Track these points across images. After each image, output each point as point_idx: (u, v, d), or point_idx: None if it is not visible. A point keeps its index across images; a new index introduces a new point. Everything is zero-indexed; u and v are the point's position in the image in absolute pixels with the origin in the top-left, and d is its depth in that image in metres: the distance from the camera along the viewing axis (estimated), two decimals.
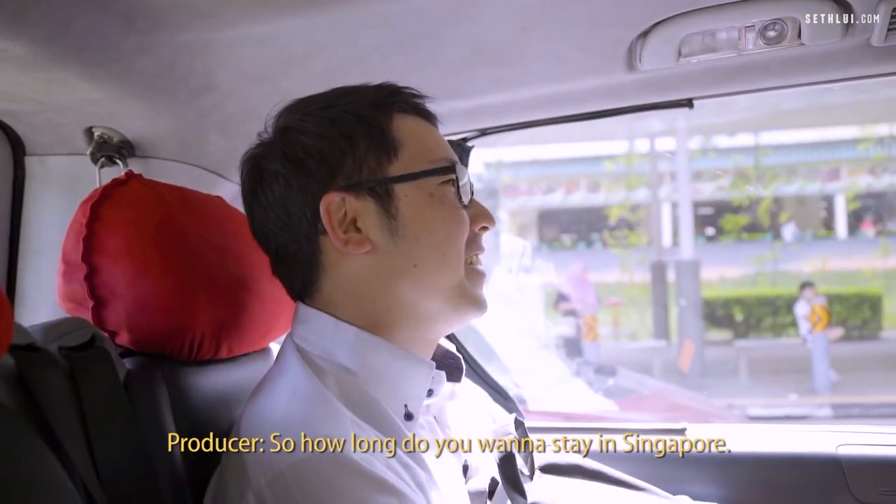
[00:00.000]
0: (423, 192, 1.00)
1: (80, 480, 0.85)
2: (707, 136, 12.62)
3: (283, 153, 1.01)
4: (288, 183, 1.00)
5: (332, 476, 0.84)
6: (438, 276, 1.00)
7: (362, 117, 1.01)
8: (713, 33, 1.35)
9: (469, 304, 1.04)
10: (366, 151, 1.00)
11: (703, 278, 12.30)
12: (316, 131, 1.00)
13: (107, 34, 1.16)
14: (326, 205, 0.98)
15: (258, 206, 1.04)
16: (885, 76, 1.48)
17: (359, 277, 1.00)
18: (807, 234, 14.97)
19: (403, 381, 0.99)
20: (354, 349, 0.99)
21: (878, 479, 1.61)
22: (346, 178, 0.99)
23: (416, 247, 0.99)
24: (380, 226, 0.99)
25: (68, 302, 1.12)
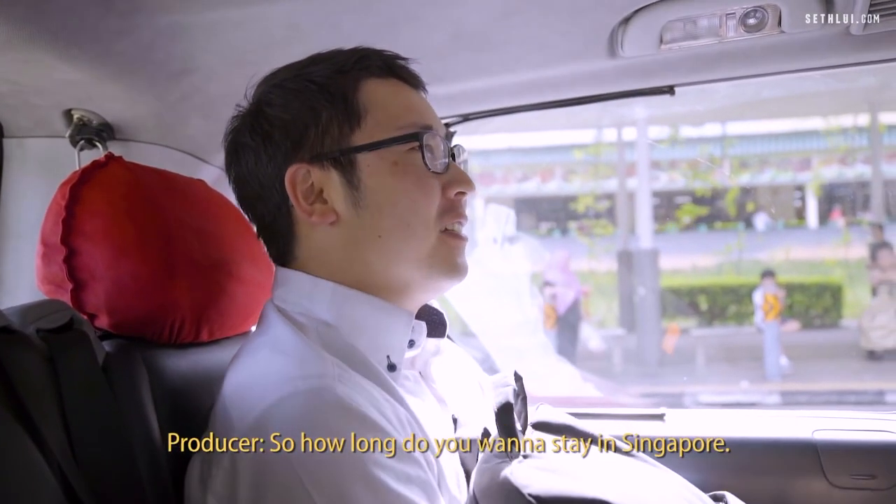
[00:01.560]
0: (386, 161, 0.99)
1: (56, 463, 0.85)
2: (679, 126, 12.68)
3: (252, 126, 1.02)
4: (257, 156, 1.01)
5: (312, 412, 0.84)
6: (404, 246, 1.00)
7: (325, 87, 1.00)
8: (694, 20, 1.36)
9: (442, 272, 1.02)
10: (329, 121, 0.99)
11: (675, 267, 12.42)
12: (281, 103, 1.01)
13: (84, 15, 1.14)
14: (291, 176, 0.99)
15: (238, 178, 1.06)
16: (864, 64, 1.49)
17: (328, 247, 1.01)
18: (778, 223, 15.13)
19: (383, 332, 1.00)
20: (333, 303, 0.99)
21: (852, 464, 1.63)
22: (311, 149, 0.99)
23: (380, 218, 0.99)
24: (344, 197, 0.99)
25: (47, 284, 1.11)
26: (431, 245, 1.01)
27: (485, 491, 0.97)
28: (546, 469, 0.99)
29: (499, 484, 0.96)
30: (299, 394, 0.85)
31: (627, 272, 11.09)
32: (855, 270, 11.43)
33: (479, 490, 0.98)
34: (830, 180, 14.88)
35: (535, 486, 0.94)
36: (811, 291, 11.27)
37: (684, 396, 8.36)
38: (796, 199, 16.05)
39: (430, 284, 1.03)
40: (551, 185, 16.21)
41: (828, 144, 13.63)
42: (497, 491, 0.96)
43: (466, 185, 1.04)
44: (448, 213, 1.03)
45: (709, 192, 13.63)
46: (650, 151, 12.03)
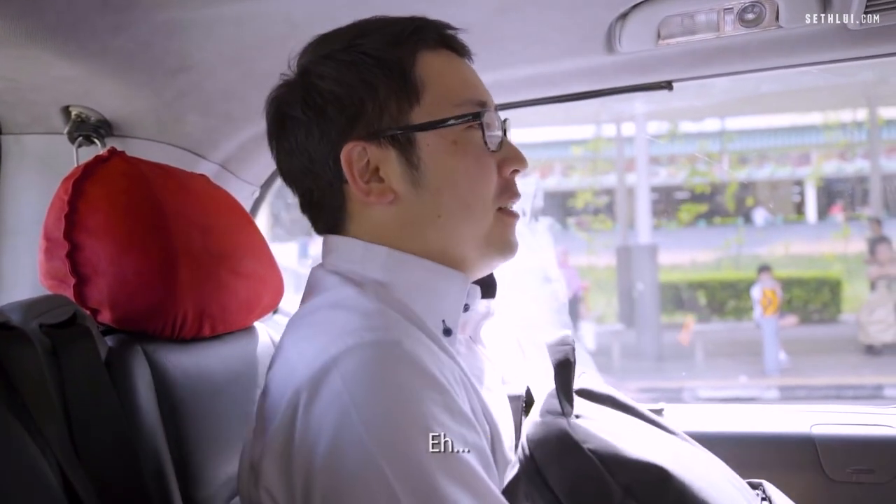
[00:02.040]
0: (446, 139, 0.95)
1: (55, 460, 0.85)
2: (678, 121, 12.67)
3: (304, 99, 0.96)
4: (308, 130, 0.96)
5: (377, 361, 0.80)
6: (464, 227, 0.97)
7: (382, 60, 0.95)
8: (692, 15, 1.36)
9: (496, 251, 1.00)
10: (387, 97, 0.94)
11: (674, 262, 12.42)
12: (335, 76, 0.95)
13: (81, 11, 1.14)
14: (347, 154, 0.94)
15: (282, 150, 1.00)
16: (861, 59, 1.50)
17: (383, 224, 0.97)
18: (777, 218, 15.13)
19: (439, 296, 0.96)
20: (387, 266, 0.96)
21: (850, 458, 1.63)
22: (367, 126, 0.94)
23: (440, 198, 0.95)
24: (402, 176, 0.95)
25: (50, 279, 1.11)
26: (489, 224, 0.98)
27: (540, 443, 0.96)
28: (601, 430, 0.97)
29: (556, 437, 0.95)
30: (365, 345, 0.81)
31: (626, 267, 11.09)
32: (854, 265, 11.43)
33: (534, 443, 0.96)
34: (829, 175, 14.88)
35: (594, 442, 0.93)
36: (810, 286, 11.28)
37: (683, 391, 8.38)
38: (795, 194, 16.04)
39: (483, 262, 1.01)
40: (550, 181, 16.20)
41: (827, 139, 13.63)
42: (554, 444, 0.95)
43: (522, 162, 1.01)
44: (505, 192, 1.00)
45: (708, 188, 13.62)
46: (649, 147, 12.03)
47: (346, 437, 0.76)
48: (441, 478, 0.75)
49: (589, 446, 0.93)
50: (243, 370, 1.28)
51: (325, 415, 0.78)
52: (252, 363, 1.30)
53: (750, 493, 1.12)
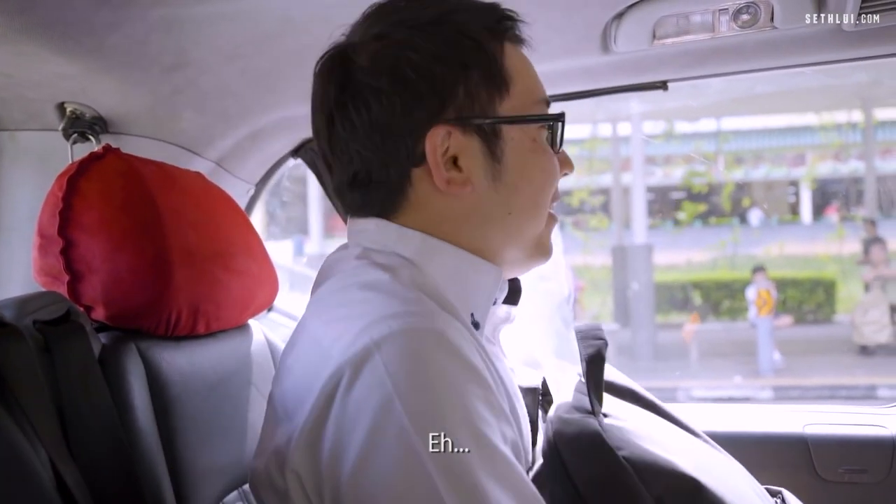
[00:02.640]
0: (527, 136, 0.92)
1: (47, 456, 0.85)
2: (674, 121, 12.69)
3: (392, 69, 0.88)
4: (391, 104, 0.88)
5: (421, 347, 0.77)
6: (528, 226, 0.95)
7: (479, 43, 0.90)
8: (687, 16, 1.36)
9: (542, 254, 0.99)
10: (479, 84, 0.89)
11: (669, 262, 12.43)
12: (430, 51, 0.88)
13: (78, 8, 1.14)
14: (433, 136, 0.88)
15: (344, 121, 0.91)
16: (856, 60, 1.50)
17: (448, 216, 0.92)
18: (772, 218, 15.15)
19: (471, 288, 0.93)
20: (421, 252, 0.91)
21: (842, 458, 1.64)
22: (457, 110, 0.88)
23: (515, 195, 0.92)
24: (483, 168, 0.90)
25: (44, 276, 1.11)
26: (542, 227, 0.97)
27: (570, 442, 0.93)
28: (631, 432, 0.95)
29: (589, 439, 0.92)
30: (410, 331, 0.77)
31: (622, 267, 11.10)
32: (848, 266, 11.45)
33: (564, 440, 0.94)
34: (824, 176, 14.91)
35: (628, 448, 0.90)
36: (805, 287, 11.29)
37: (677, 391, 8.39)
38: (790, 195, 16.07)
39: (528, 264, 1.00)
40: None
41: (822, 140, 13.65)
42: (587, 446, 0.92)
43: (572, 166, 1.00)
44: (554, 194, 0.99)
45: (704, 188, 13.64)
46: (645, 147, 12.04)
47: (387, 425, 0.73)
48: (483, 475, 0.73)
49: (623, 453, 0.90)
50: (237, 368, 1.28)
51: (366, 401, 0.75)
52: (246, 361, 1.30)
53: (769, 500, 1.10)
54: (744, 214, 14.06)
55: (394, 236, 0.92)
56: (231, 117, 1.60)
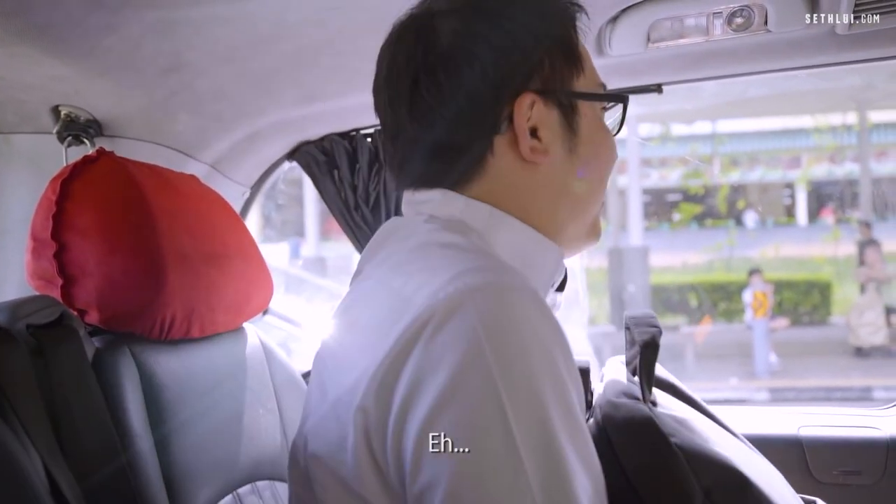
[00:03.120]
0: (597, 113, 0.96)
1: (41, 459, 0.85)
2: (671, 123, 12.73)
3: (487, 36, 0.89)
4: (483, 70, 0.88)
5: (516, 302, 0.75)
6: (592, 201, 0.97)
7: (563, 22, 0.93)
8: (681, 19, 1.37)
9: (597, 233, 1.01)
10: (560, 59, 0.91)
11: (665, 264, 12.45)
12: (523, 22, 0.90)
13: (72, 10, 1.14)
14: (521, 104, 0.89)
15: (430, 85, 0.90)
16: (849, 64, 1.51)
17: (523, 186, 0.92)
18: (768, 220, 15.19)
19: (535, 265, 0.92)
20: (487, 224, 0.91)
21: (837, 460, 1.65)
22: (542, 81, 0.90)
23: (587, 168, 0.94)
24: (561, 139, 0.92)
25: (37, 279, 1.11)
26: (600, 206, 1.00)
27: (621, 426, 0.93)
28: (683, 422, 0.95)
29: (640, 423, 0.91)
30: (504, 285, 0.76)
31: (618, 269, 11.12)
32: (843, 268, 11.49)
33: (613, 424, 0.93)
34: (820, 178, 14.95)
35: (680, 437, 0.90)
36: (800, 289, 11.33)
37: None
38: (786, 197, 16.11)
39: (583, 245, 1.01)
40: None
41: (817, 143, 13.69)
42: (638, 431, 0.91)
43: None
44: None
45: (700, 190, 13.67)
46: (641, 149, 12.08)
47: (473, 371, 0.71)
48: (562, 438, 0.71)
49: (675, 440, 0.89)
50: (232, 371, 1.28)
51: (454, 344, 0.72)
52: (241, 364, 1.30)
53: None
54: (740, 216, 14.09)
55: (461, 205, 0.91)
56: (226, 120, 1.60)
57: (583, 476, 0.72)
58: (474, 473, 0.70)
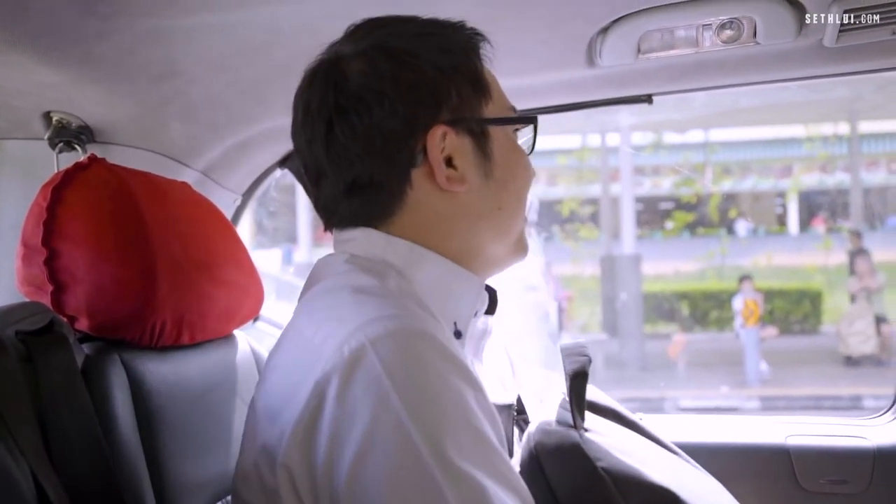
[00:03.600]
0: (509, 137, 1.00)
1: (29, 468, 0.85)
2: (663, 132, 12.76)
3: (394, 74, 0.92)
4: (393, 108, 0.92)
5: (416, 348, 0.79)
6: (514, 221, 1.01)
7: (466, 52, 0.97)
8: (671, 31, 1.38)
9: (523, 250, 1.04)
10: (467, 88, 0.96)
11: (658, 273, 12.46)
12: (430, 57, 0.94)
13: (64, 18, 1.14)
14: (433, 137, 0.93)
15: (344, 127, 0.93)
16: (837, 76, 1.52)
17: (444, 214, 0.96)
18: (760, 229, 15.23)
19: (454, 298, 0.96)
20: (407, 261, 0.94)
21: (824, 469, 1.66)
22: (452, 112, 0.94)
23: (503, 191, 0.98)
24: (476, 166, 0.96)
25: (27, 286, 1.11)
26: (524, 223, 1.04)
27: (551, 453, 0.97)
28: (611, 446, 0.98)
29: (569, 449, 0.96)
30: (404, 331, 0.79)
31: (610, 277, 11.14)
32: (834, 277, 11.51)
33: (545, 451, 0.98)
34: (811, 187, 15.00)
35: (607, 460, 0.94)
36: (791, 297, 11.35)
37: (665, 401, 8.41)
38: (778, 206, 16.15)
39: (511, 261, 1.04)
40: (536, 189, 16.22)
41: (809, 152, 13.74)
42: (567, 456, 0.96)
43: (534, 171, 1.07)
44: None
45: (692, 199, 13.69)
46: (633, 158, 12.11)
47: (385, 421, 0.75)
48: (480, 469, 0.75)
49: (602, 464, 0.93)
50: (222, 378, 1.28)
51: (363, 397, 0.76)
52: (231, 371, 1.30)
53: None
54: (731, 225, 14.12)
55: (381, 243, 0.95)
56: (219, 127, 1.60)
57: (508, 500, 0.75)
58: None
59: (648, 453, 1.07)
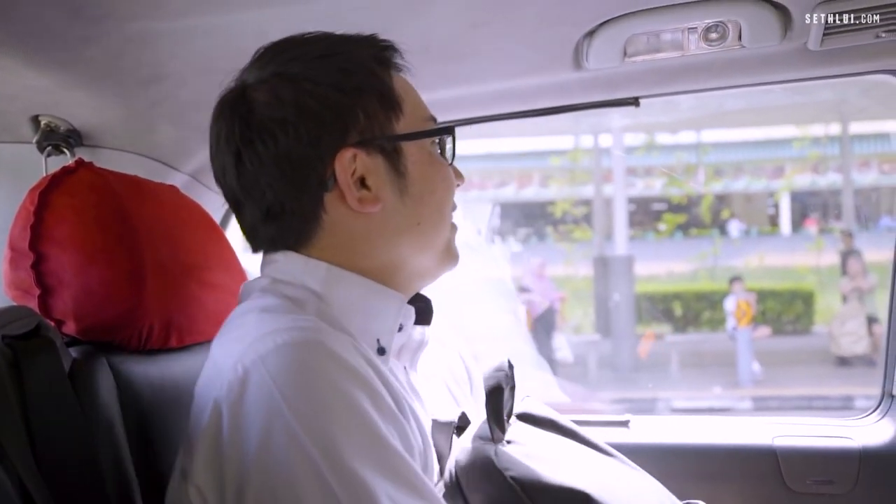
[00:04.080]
0: (424, 151, 1.00)
1: (16, 474, 0.85)
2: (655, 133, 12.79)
3: (296, 101, 0.94)
4: (297, 134, 0.93)
5: (307, 359, 0.82)
6: (436, 235, 1.01)
7: (372, 70, 0.97)
8: (657, 34, 1.39)
9: (452, 259, 1.05)
10: (375, 106, 0.96)
11: (651, 273, 12.48)
12: (328, 80, 0.94)
13: (52, 21, 1.14)
14: (342, 160, 0.94)
15: (252, 156, 0.95)
16: (822, 79, 1.53)
17: (361, 235, 0.97)
18: (752, 230, 15.26)
19: (375, 315, 0.98)
20: (326, 282, 0.96)
21: (810, 469, 1.66)
22: (360, 133, 0.95)
23: (422, 205, 0.99)
24: (390, 184, 0.97)
25: (14, 290, 1.11)
26: (448, 234, 1.04)
27: (466, 469, 0.99)
28: (529, 455, 1.00)
29: (481, 464, 0.98)
30: (292, 343, 0.82)
31: (603, 278, 11.15)
32: (826, 277, 11.54)
33: (461, 468, 1.00)
34: (803, 188, 15.04)
35: (516, 469, 0.96)
36: (783, 298, 11.37)
37: (657, 402, 8.42)
38: (770, 207, 16.19)
39: (438, 272, 1.05)
40: (529, 191, 16.24)
41: (800, 153, 13.77)
42: (479, 471, 0.98)
43: (462, 177, 1.07)
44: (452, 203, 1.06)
45: (684, 199, 13.72)
46: (626, 159, 12.13)
47: (278, 431, 0.78)
48: (370, 469, 0.78)
49: (511, 474, 0.96)
50: None
51: (255, 411, 0.80)
52: None
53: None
54: (724, 226, 14.15)
55: (300, 266, 0.98)
56: (207, 131, 1.60)
57: (407, 500, 0.80)
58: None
59: (574, 457, 1.10)
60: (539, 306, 9.10)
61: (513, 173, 16.17)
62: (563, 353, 9.24)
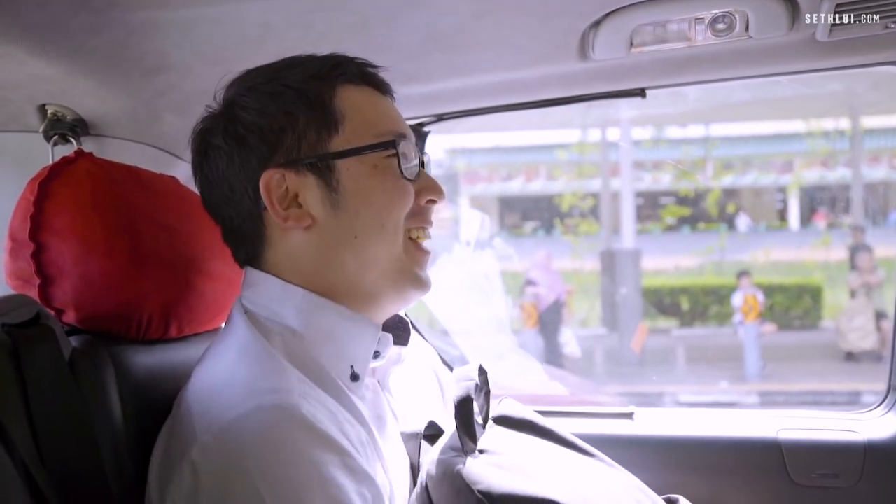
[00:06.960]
0: (366, 164, 1.01)
1: (21, 460, 0.85)
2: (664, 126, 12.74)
3: (226, 129, 1.02)
4: (230, 159, 1.01)
5: (276, 428, 0.85)
6: (378, 248, 1.01)
7: (303, 92, 1.01)
8: (664, 24, 1.38)
9: (410, 282, 1.04)
10: (306, 127, 1.00)
11: (658, 267, 12.46)
12: (256, 107, 1.00)
13: (57, 12, 1.15)
14: (266, 182, 0.99)
15: (205, 180, 1.05)
16: (829, 70, 1.52)
17: (302, 251, 1.01)
18: (760, 224, 15.22)
19: (350, 343, 1.01)
20: (301, 310, 1.00)
21: (815, 463, 1.66)
22: (287, 154, 0.99)
23: (357, 218, 1.00)
24: (321, 200, 1.00)
25: (15, 279, 1.11)
26: (400, 250, 1.03)
27: (436, 483, 1.00)
28: (500, 466, 1.00)
29: (450, 478, 0.99)
30: (264, 409, 0.86)
31: (610, 272, 11.14)
32: (835, 272, 11.51)
33: (431, 482, 1.00)
34: (812, 183, 14.99)
35: (485, 483, 0.96)
36: (791, 293, 11.35)
37: (664, 396, 8.41)
38: (778, 201, 16.15)
39: (396, 295, 1.05)
40: (536, 184, 16.23)
41: (810, 147, 13.71)
42: (448, 485, 0.98)
43: (437, 193, 1.07)
44: (416, 216, 1.05)
45: (692, 193, 13.68)
46: (633, 152, 12.10)
47: (245, 499, 0.82)
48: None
49: (479, 488, 0.96)
50: None
51: (226, 480, 0.84)
52: None
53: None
54: (732, 220, 14.11)
55: (277, 292, 1.02)
56: None
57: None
58: None
59: (548, 463, 1.10)
60: (546, 299, 9.10)
61: (520, 167, 16.17)
62: (570, 348, 9.23)
